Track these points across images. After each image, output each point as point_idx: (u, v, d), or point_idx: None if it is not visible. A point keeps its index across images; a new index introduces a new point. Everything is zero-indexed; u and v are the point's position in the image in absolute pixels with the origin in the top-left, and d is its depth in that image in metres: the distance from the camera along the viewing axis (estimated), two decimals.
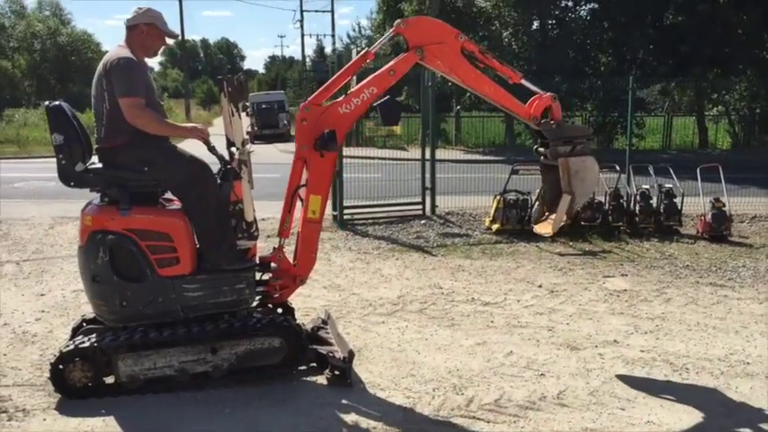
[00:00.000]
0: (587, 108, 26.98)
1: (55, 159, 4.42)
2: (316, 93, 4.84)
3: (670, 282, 7.34)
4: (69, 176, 4.43)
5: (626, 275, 7.60)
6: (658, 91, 28.42)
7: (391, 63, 4.80)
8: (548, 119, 4.93)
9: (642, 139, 25.64)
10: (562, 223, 5.16)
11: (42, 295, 6.76)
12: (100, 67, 4.42)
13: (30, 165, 21.68)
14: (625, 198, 10.07)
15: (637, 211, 9.91)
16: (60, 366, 4.33)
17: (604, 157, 12.37)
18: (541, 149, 5.16)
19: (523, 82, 4.98)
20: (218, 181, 4.65)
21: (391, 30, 4.87)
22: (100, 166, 4.47)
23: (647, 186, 10.15)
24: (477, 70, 4.89)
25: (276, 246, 4.97)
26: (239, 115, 4.49)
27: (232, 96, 4.46)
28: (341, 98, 4.79)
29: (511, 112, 5.09)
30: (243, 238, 4.69)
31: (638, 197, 9.97)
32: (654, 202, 9.96)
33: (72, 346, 4.37)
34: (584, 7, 27.67)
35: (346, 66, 4.96)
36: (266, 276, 4.97)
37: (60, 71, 51.19)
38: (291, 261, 4.97)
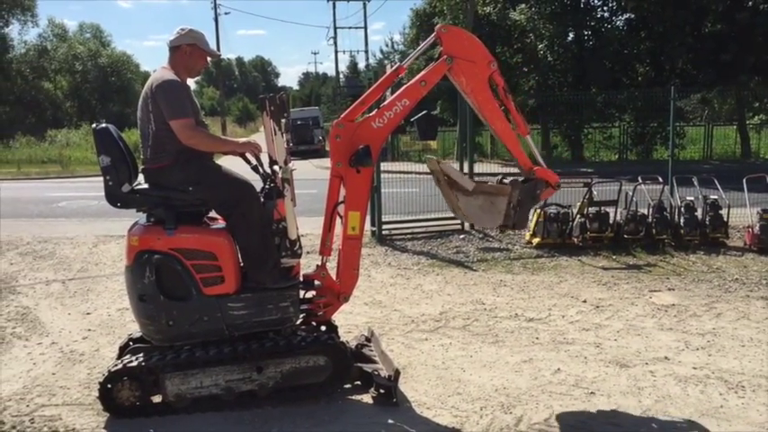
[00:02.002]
0: (625, 119, 26.65)
1: (98, 179, 4.48)
2: (349, 109, 4.80)
3: (719, 296, 7.15)
4: (116, 197, 4.48)
5: (673, 290, 7.43)
6: (698, 100, 27.96)
7: (422, 73, 4.74)
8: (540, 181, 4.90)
9: (683, 149, 25.21)
10: (441, 166, 4.85)
11: (88, 314, 6.84)
12: (146, 89, 4.47)
13: (72, 184, 22.17)
14: (669, 210, 9.87)
15: (681, 224, 9.71)
16: (109, 385, 4.36)
17: (645, 168, 12.21)
18: (506, 180, 4.99)
19: (528, 139, 4.98)
20: (262, 199, 4.66)
21: (432, 35, 4.82)
22: (146, 186, 4.52)
23: (692, 198, 9.94)
24: (497, 104, 4.82)
25: (319, 263, 4.95)
26: (281, 133, 4.49)
27: (274, 115, 4.47)
28: (373, 112, 4.74)
29: (512, 155, 4.98)
30: (286, 256, 4.68)
31: (682, 209, 9.78)
32: (699, 213, 9.75)
33: (120, 366, 4.40)
34: (620, 18, 27.41)
35: (379, 81, 4.91)
36: (310, 294, 4.96)
37: (101, 92, 52.42)
38: (334, 278, 4.94)
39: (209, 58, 4.76)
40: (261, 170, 4.74)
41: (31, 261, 9.34)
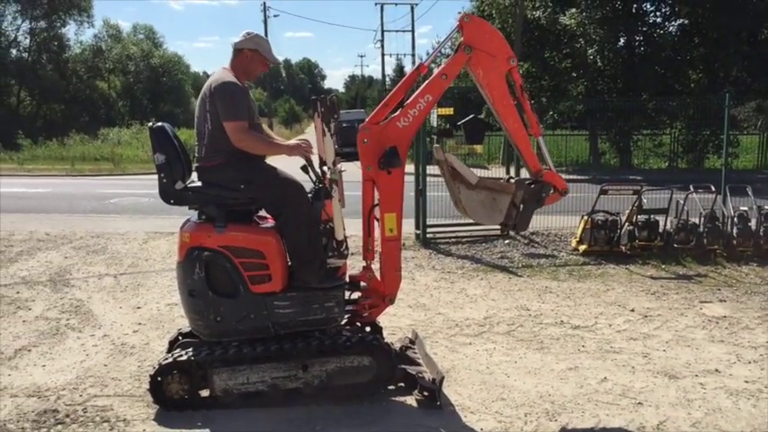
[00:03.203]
0: (677, 126, 26.08)
1: (148, 177, 4.59)
2: (373, 112, 4.80)
3: None
4: (170, 194, 4.58)
5: (724, 301, 7.26)
6: (752, 108, 27.23)
7: (442, 66, 4.71)
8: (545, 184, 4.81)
9: (736, 158, 24.56)
10: (446, 156, 4.84)
11: (139, 308, 7.00)
12: (204, 88, 4.57)
13: (124, 181, 22.63)
14: (721, 220, 9.64)
15: (734, 234, 9.46)
16: (159, 378, 4.45)
17: (696, 177, 11.95)
18: (513, 179, 5.03)
19: (540, 140, 4.90)
20: (311, 200, 4.71)
21: (454, 27, 4.77)
22: (198, 184, 4.61)
23: (745, 208, 9.69)
24: (512, 101, 4.75)
25: (365, 264, 4.97)
26: (331, 135, 4.53)
27: (324, 116, 4.52)
28: (398, 112, 4.70)
29: (520, 155, 4.93)
30: (333, 257, 4.73)
31: (735, 219, 9.54)
32: (753, 224, 9.50)
33: (170, 359, 4.49)
34: (673, 23, 26.85)
35: (401, 82, 4.87)
36: (356, 295, 4.99)
37: (152, 92, 53.60)
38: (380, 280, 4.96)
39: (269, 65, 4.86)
40: (311, 171, 4.78)
41: (84, 255, 9.60)
